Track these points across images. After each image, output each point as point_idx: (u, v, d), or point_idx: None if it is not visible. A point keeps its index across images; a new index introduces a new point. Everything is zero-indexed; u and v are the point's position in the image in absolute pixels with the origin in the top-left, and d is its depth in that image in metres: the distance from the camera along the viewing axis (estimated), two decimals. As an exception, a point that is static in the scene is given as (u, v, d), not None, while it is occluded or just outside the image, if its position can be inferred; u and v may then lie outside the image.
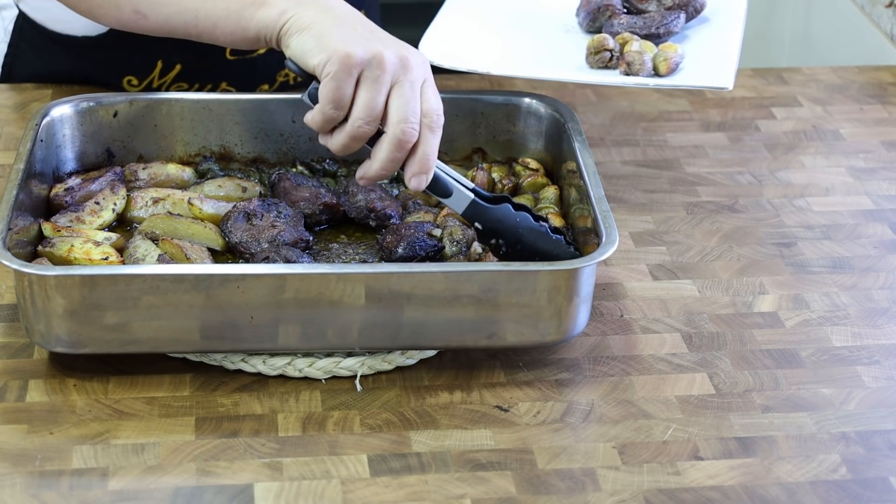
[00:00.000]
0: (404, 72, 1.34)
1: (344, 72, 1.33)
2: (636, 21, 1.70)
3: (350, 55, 1.33)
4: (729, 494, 1.26)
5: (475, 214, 1.42)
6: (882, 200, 1.70)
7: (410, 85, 1.35)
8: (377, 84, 1.33)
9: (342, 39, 1.34)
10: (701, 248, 1.60)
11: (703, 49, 1.68)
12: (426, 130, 1.35)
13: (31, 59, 1.85)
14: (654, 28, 1.69)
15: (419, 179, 1.36)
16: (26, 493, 1.24)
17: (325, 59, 1.34)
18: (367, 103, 1.34)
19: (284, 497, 1.24)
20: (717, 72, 1.62)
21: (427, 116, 1.35)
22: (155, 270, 1.33)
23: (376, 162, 1.36)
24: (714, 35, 1.73)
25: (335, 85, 1.33)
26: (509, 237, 1.42)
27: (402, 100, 1.34)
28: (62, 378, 1.37)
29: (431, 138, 1.35)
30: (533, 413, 1.35)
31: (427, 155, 1.35)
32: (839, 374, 1.41)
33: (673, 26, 1.70)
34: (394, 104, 1.34)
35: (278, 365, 1.38)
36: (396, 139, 1.34)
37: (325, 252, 1.51)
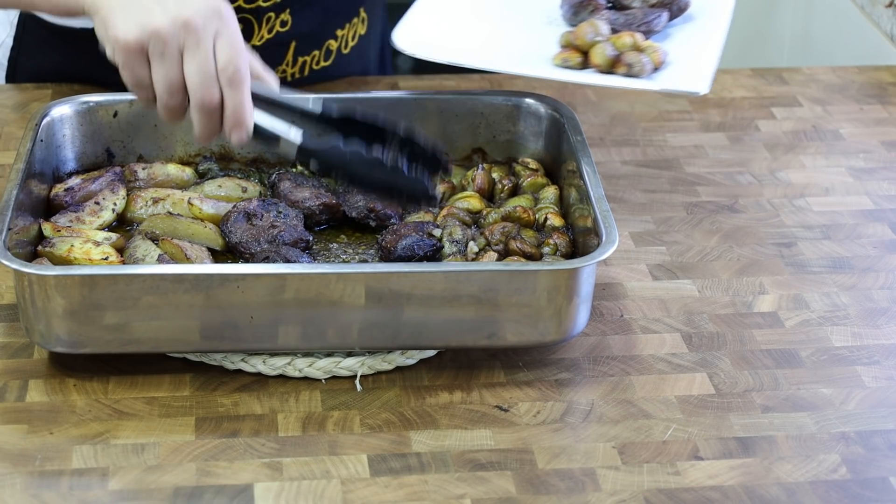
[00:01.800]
0: (188, 35, 1.31)
1: (130, 59, 1.31)
2: (618, 17, 1.67)
3: (127, 42, 1.30)
4: (729, 494, 1.26)
5: (305, 157, 1.36)
6: (882, 200, 1.70)
7: (198, 46, 1.31)
8: (164, 59, 1.31)
9: (120, 24, 1.31)
10: (701, 248, 1.60)
11: (684, 50, 1.65)
12: (226, 88, 1.31)
13: (35, 54, 1.85)
14: (636, 26, 1.65)
15: (238, 134, 1.33)
16: (26, 493, 1.24)
17: (112, 49, 1.32)
18: (162, 80, 1.32)
19: (284, 497, 1.24)
20: (694, 75, 1.58)
21: (223, 73, 1.31)
22: (155, 270, 1.33)
23: (195, 128, 1.34)
24: (696, 36, 1.69)
25: (128, 73, 1.32)
26: (345, 174, 1.37)
27: (194, 65, 1.30)
28: (62, 378, 1.37)
29: (234, 93, 1.31)
30: (533, 413, 1.35)
31: (235, 110, 1.32)
32: (839, 374, 1.41)
33: (654, 25, 1.66)
34: (188, 71, 1.31)
35: (278, 365, 1.38)
36: (199, 105, 1.31)
37: (325, 252, 1.51)
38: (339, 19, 1.85)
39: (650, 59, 1.58)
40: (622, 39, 1.60)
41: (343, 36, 1.86)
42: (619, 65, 1.58)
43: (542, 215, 1.52)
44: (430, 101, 1.62)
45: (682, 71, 1.59)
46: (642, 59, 1.58)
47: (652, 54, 1.58)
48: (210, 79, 1.31)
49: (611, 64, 1.58)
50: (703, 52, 1.63)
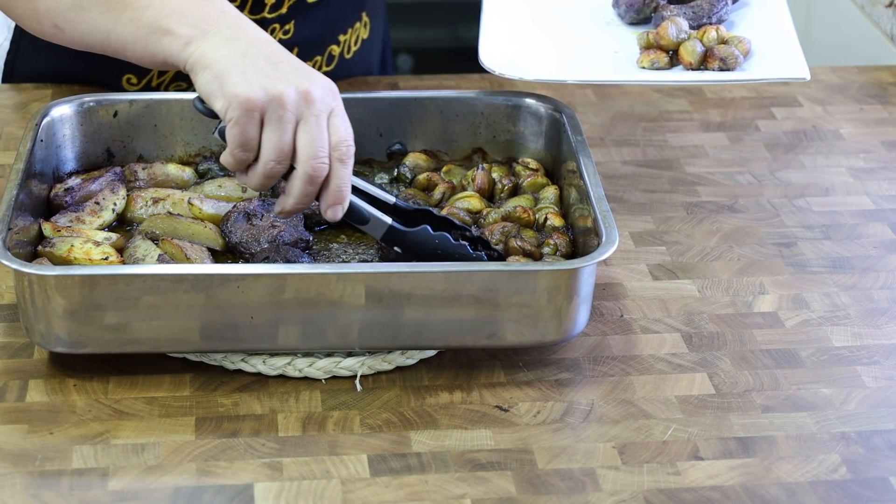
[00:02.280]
0: (308, 106, 1.33)
1: (245, 117, 1.32)
2: (685, 11, 1.63)
3: (249, 100, 1.31)
4: (729, 494, 1.26)
5: (393, 239, 1.41)
6: (882, 200, 1.70)
7: (316, 119, 1.33)
8: (281, 124, 1.32)
9: (241, 82, 1.32)
10: (701, 248, 1.60)
11: (758, 36, 1.62)
12: (336, 163, 1.34)
13: (32, 56, 1.85)
14: (706, 18, 1.62)
15: (334, 210, 1.36)
16: (26, 493, 1.24)
17: (227, 104, 1.32)
18: (273, 145, 1.33)
19: (284, 497, 1.24)
20: (787, 60, 1.56)
21: (336, 149, 1.34)
22: (155, 270, 1.33)
23: (291, 198, 1.35)
24: (762, 21, 1.66)
25: (239, 130, 1.32)
26: (429, 256, 1.41)
27: (309, 136, 1.33)
28: (62, 378, 1.37)
29: (342, 170, 1.34)
30: (533, 413, 1.35)
31: (339, 187, 1.35)
32: (839, 374, 1.41)
33: (723, 14, 1.63)
34: (301, 141, 1.33)
35: (278, 365, 1.38)
36: (307, 175, 1.33)
37: (325, 252, 1.51)
38: (342, 25, 1.85)
39: (739, 51, 1.57)
40: (708, 34, 1.58)
41: (346, 41, 1.86)
42: (712, 59, 1.56)
43: (542, 215, 1.52)
44: (430, 101, 1.62)
45: (772, 58, 1.58)
46: (733, 50, 1.56)
47: (738, 45, 1.57)
48: (323, 153, 1.33)
49: (702, 60, 1.57)
50: (782, 36, 1.61)
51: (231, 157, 1.35)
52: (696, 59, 1.57)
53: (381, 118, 1.62)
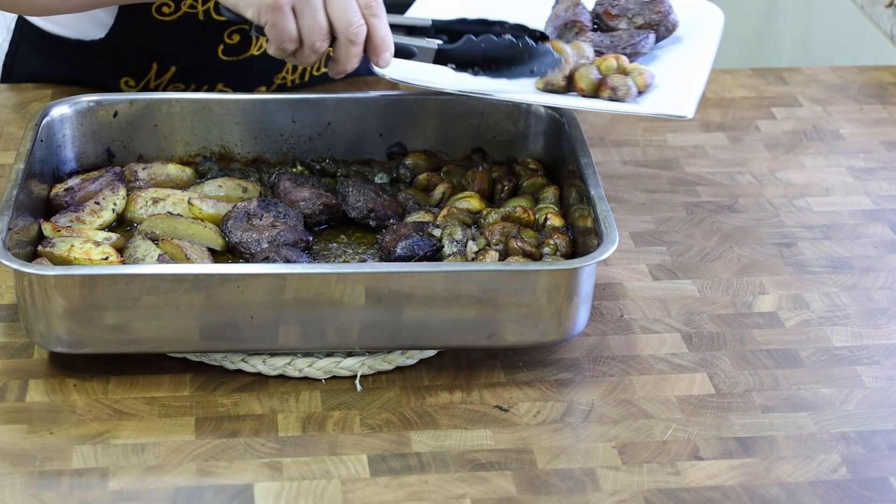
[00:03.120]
0: None
1: (279, 15, 1.41)
2: (603, 39, 1.63)
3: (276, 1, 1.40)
4: (729, 494, 1.26)
5: (444, 59, 1.50)
6: (882, 200, 1.70)
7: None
8: (310, 8, 1.41)
9: None
10: (701, 248, 1.60)
11: (670, 73, 1.60)
12: (372, 20, 1.43)
13: (30, 59, 1.86)
14: (622, 48, 1.61)
15: (384, 59, 1.46)
16: (26, 493, 1.24)
17: (257, 10, 1.42)
18: (311, 28, 1.42)
19: (284, 497, 1.24)
20: (679, 98, 1.53)
21: (367, 8, 1.43)
22: (155, 270, 1.33)
23: (340, 63, 1.45)
24: (683, 58, 1.64)
25: (277, 29, 1.42)
26: (481, 62, 1.50)
27: (339, 7, 1.42)
28: (62, 378, 1.37)
29: (379, 23, 1.44)
30: (533, 413, 1.35)
31: (382, 39, 1.44)
32: (839, 374, 1.41)
33: (641, 46, 1.62)
34: (334, 14, 1.42)
35: (278, 365, 1.38)
36: (349, 42, 1.43)
37: (325, 252, 1.51)
38: None
39: (635, 83, 1.54)
40: (607, 62, 1.56)
41: None
42: (604, 88, 1.54)
43: (542, 215, 1.52)
44: (430, 101, 1.62)
45: (668, 94, 1.55)
46: (627, 82, 1.54)
47: (637, 77, 1.55)
48: (357, 16, 1.42)
49: (595, 87, 1.54)
50: (691, 75, 1.59)
51: (279, 52, 1.44)
52: (589, 85, 1.55)
53: (381, 118, 1.62)
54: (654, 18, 1.66)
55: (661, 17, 1.66)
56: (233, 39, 1.76)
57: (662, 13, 1.66)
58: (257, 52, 1.77)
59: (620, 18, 1.67)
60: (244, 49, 1.76)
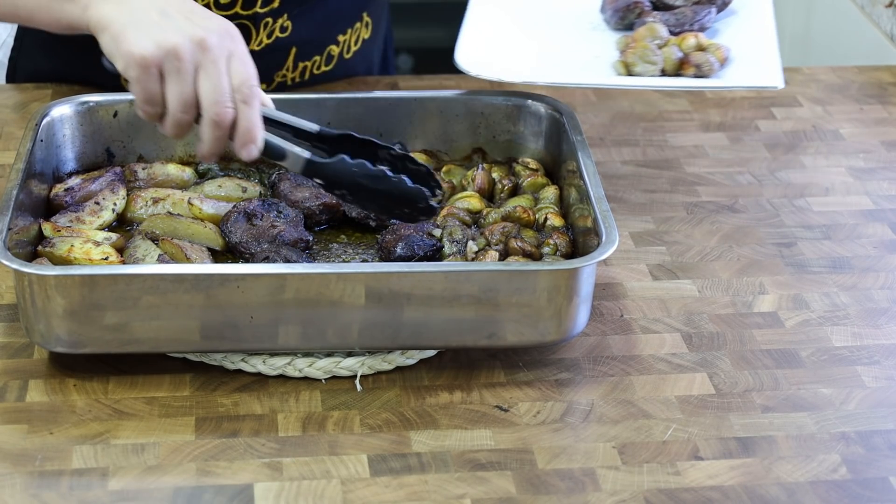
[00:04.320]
0: (204, 54, 1.34)
1: (144, 74, 1.33)
2: (668, 18, 1.65)
3: (144, 58, 1.33)
4: (729, 494, 1.26)
5: (312, 172, 1.40)
6: (882, 200, 1.70)
7: (214, 65, 1.34)
8: (180, 75, 1.34)
9: (136, 40, 1.34)
10: (701, 248, 1.60)
11: (739, 44, 1.63)
12: (241, 105, 1.35)
13: (35, 55, 1.86)
14: (688, 25, 1.64)
15: (248, 150, 1.36)
16: (26, 493, 1.24)
17: (125, 64, 1.34)
18: (176, 97, 1.34)
19: (284, 497, 1.24)
20: (762, 69, 1.57)
21: (238, 91, 1.35)
22: (155, 270, 1.33)
23: (204, 144, 1.37)
24: (746, 29, 1.67)
25: (140, 87, 1.34)
26: (350, 187, 1.41)
27: (209, 83, 1.34)
28: (62, 378, 1.37)
29: (248, 111, 1.35)
30: (533, 413, 1.35)
31: (248, 129, 1.35)
32: (839, 374, 1.41)
33: (706, 22, 1.65)
34: (202, 89, 1.34)
35: (278, 365, 1.38)
36: (212, 122, 1.34)
37: (325, 252, 1.51)
38: (342, 25, 1.85)
39: (716, 58, 1.57)
40: (687, 41, 1.59)
41: (345, 41, 1.85)
42: (688, 66, 1.57)
43: (542, 215, 1.52)
44: (430, 101, 1.62)
45: (749, 66, 1.59)
46: (709, 58, 1.57)
47: (715, 52, 1.58)
48: (225, 97, 1.34)
49: (677, 66, 1.58)
50: (762, 45, 1.62)
51: (140, 112, 1.37)
52: (672, 65, 1.58)
53: (381, 118, 1.62)
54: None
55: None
56: None
57: None
58: (257, 47, 1.76)
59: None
60: None
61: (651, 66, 1.57)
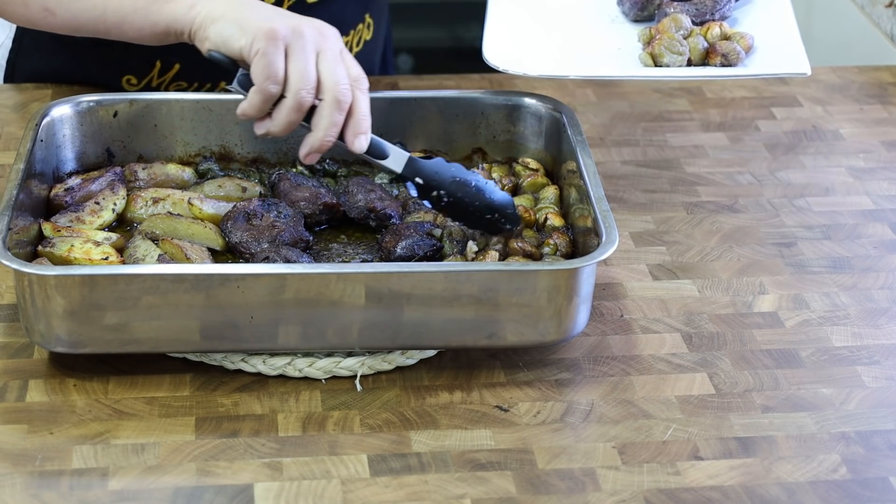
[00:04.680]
0: (324, 40, 1.39)
1: (272, 46, 1.37)
2: (688, 8, 1.65)
3: (274, 29, 1.37)
4: (729, 494, 1.26)
5: (413, 171, 1.46)
6: (882, 200, 1.70)
7: (332, 52, 1.39)
8: (304, 53, 1.37)
9: (261, 18, 1.38)
10: (701, 248, 1.60)
11: (761, 32, 1.63)
12: (358, 93, 1.40)
13: (33, 56, 1.85)
14: (709, 15, 1.64)
15: (360, 140, 1.40)
16: (26, 493, 1.24)
17: (251, 39, 1.38)
18: (301, 72, 1.37)
19: (284, 497, 1.24)
20: (787, 56, 1.58)
21: (356, 81, 1.40)
22: (155, 270, 1.33)
23: (320, 130, 1.39)
24: (765, 17, 1.67)
25: (268, 60, 1.37)
26: (448, 187, 1.46)
27: (331, 64, 1.39)
28: (62, 378, 1.37)
29: (364, 99, 1.40)
30: (533, 413, 1.35)
31: (364, 115, 1.40)
32: (839, 374, 1.41)
33: (726, 11, 1.65)
34: (324, 70, 1.39)
35: (278, 365, 1.38)
36: (336, 101, 1.38)
37: (325, 252, 1.51)
38: (344, 26, 1.85)
39: (741, 46, 1.58)
40: (712, 30, 1.60)
41: (348, 42, 1.86)
42: (714, 55, 1.58)
43: (542, 215, 1.52)
44: (430, 101, 1.62)
45: (774, 54, 1.59)
46: (735, 46, 1.58)
47: (740, 41, 1.59)
48: (345, 79, 1.39)
49: (703, 56, 1.59)
50: (784, 32, 1.62)
51: (259, 96, 1.39)
52: (698, 55, 1.58)
53: (381, 118, 1.62)
54: None
55: None
56: None
57: None
58: None
59: None
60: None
61: (678, 56, 1.57)
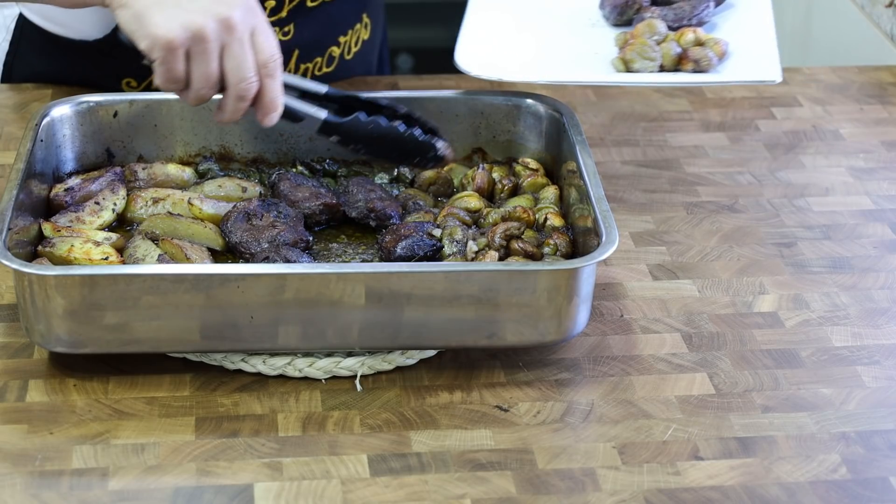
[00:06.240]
0: (229, 33, 1.36)
1: (170, 56, 1.35)
2: (666, 13, 1.65)
3: (170, 41, 1.34)
4: (729, 494, 1.26)
5: (329, 130, 1.48)
6: (882, 200, 1.70)
7: (239, 44, 1.37)
8: (205, 56, 1.36)
9: (161, 22, 1.35)
10: (701, 248, 1.60)
11: (738, 39, 1.63)
12: (266, 79, 1.39)
13: (31, 59, 1.85)
14: (686, 20, 1.63)
15: (270, 118, 1.42)
16: (26, 493, 1.24)
17: (150, 45, 1.36)
18: (201, 76, 1.37)
19: (284, 497, 1.24)
20: (760, 63, 1.57)
21: (264, 66, 1.39)
22: (155, 270, 1.33)
23: (225, 113, 1.41)
24: (744, 23, 1.67)
25: (166, 69, 1.37)
26: (366, 142, 1.49)
27: (235, 61, 1.37)
28: (62, 378, 1.37)
29: (272, 84, 1.40)
30: (533, 413, 1.35)
31: (272, 100, 1.40)
32: (839, 374, 1.41)
33: (704, 16, 1.65)
34: (228, 67, 1.37)
35: (278, 365, 1.38)
36: (237, 96, 1.39)
37: (325, 252, 1.51)
38: (342, 26, 1.85)
39: (714, 53, 1.57)
40: (685, 36, 1.59)
41: (346, 42, 1.86)
42: (686, 61, 1.58)
43: (542, 215, 1.52)
44: (430, 101, 1.62)
45: (747, 61, 1.59)
46: (707, 53, 1.57)
47: (714, 47, 1.58)
48: (251, 73, 1.38)
49: (676, 62, 1.58)
50: (761, 39, 1.62)
51: (163, 87, 1.39)
52: (671, 60, 1.58)
53: (381, 118, 1.62)
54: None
55: None
56: None
57: None
58: None
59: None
60: None
61: (650, 62, 1.56)
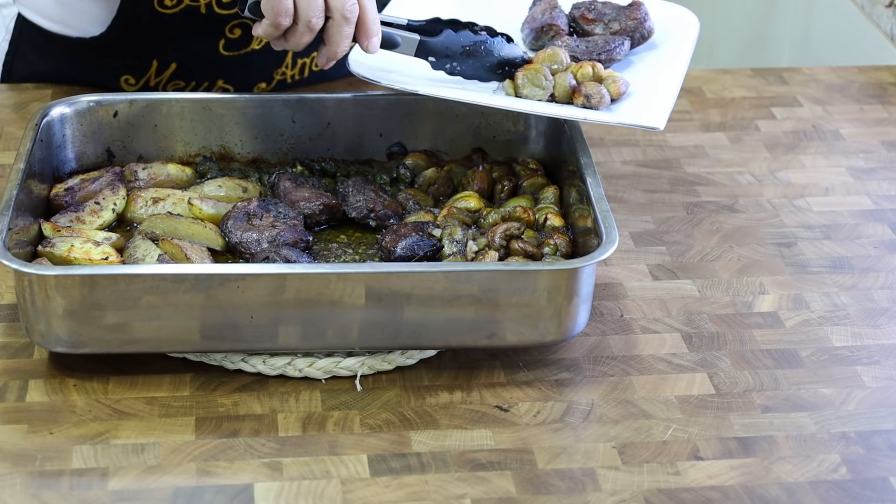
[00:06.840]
0: None
1: None
2: (579, 45, 1.61)
3: None
4: (729, 494, 1.26)
5: (425, 52, 1.54)
6: (882, 200, 1.70)
7: None
8: None
9: None
10: (701, 248, 1.60)
11: (644, 80, 1.59)
12: (363, 1, 1.48)
13: (31, 58, 1.86)
14: (596, 54, 1.60)
15: (371, 43, 1.49)
16: (26, 493, 1.24)
17: None
18: (308, 2, 1.45)
19: (284, 497, 1.24)
20: (652, 108, 1.52)
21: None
22: (155, 270, 1.33)
23: (333, 45, 1.48)
24: (658, 66, 1.62)
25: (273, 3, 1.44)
26: (459, 57, 1.55)
27: None
28: (62, 378, 1.37)
29: (370, 5, 1.48)
30: (533, 413, 1.35)
31: (373, 21, 1.49)
32: (839, 374, 1.41)
33: (616, 53, 1.60)
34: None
35: (278, 365, 1.38)
36: (344, 18, 1.46)
37: (325, 252, 1.51)
38: None
39: (609, 91, 1.53)
40: (583, 69, 1.54)
41: None
42: (578, 95, 1.53)
43: (542, 215, 1.52)
44: (430, 101, 1.61)
45: (641, 103, 1.54)
46: (601, 90, 1.53)
47: (611, 85, 1.54)
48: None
49: (569, 94, 1.54)
50: (663, 85, 1.57)
51: (272, 28, 1.47)
52: (564, 92, 1.54)
53: (381, 118, 1.62)
54: (630, 25, 1.65)
55: (637, 24, 1.65)
56: (234, 34, 1.76)
57: (638, 20, 1.65)
58: (258, 46, 1.77)
59: (597, 23, 1.66)
60: (245, 44, 1.76)
61: (539, 90, 1.54)
